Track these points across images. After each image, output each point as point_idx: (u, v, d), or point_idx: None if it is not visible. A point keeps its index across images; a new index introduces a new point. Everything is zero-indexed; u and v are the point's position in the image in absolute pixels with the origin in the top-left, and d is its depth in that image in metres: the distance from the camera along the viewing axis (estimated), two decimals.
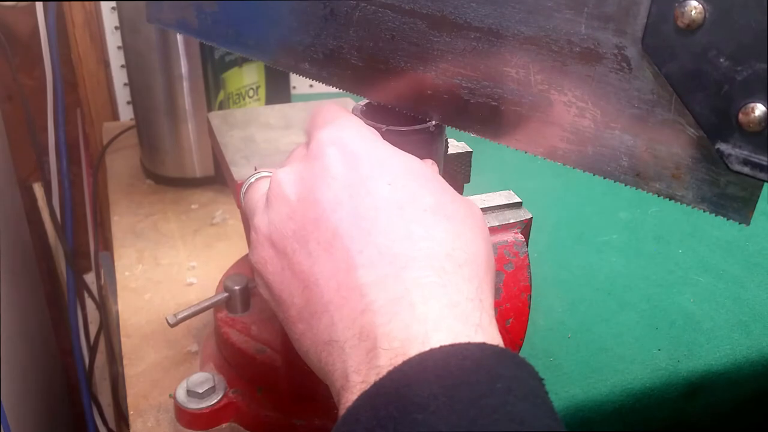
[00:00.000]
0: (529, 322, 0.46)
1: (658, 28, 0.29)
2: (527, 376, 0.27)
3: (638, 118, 0.31)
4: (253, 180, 0.39)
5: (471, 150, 0.48)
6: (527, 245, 0.46)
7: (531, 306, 0.46)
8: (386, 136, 0.37)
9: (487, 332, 0.29)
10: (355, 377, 0.28)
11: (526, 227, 0.46)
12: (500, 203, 0.47)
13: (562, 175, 0.89)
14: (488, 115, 0.35)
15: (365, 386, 0.27)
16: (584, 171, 0.34)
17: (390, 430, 0.25)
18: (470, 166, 0.47)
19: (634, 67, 0.30)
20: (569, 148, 0.33)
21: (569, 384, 0.57)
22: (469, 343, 0.27)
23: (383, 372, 0.27)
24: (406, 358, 0.27)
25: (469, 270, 0.30)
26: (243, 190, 0.39)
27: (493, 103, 0.35)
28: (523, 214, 0.46)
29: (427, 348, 0.27)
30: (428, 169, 0.34)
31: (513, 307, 0.45)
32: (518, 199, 0.47)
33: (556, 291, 0.69)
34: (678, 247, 0.76)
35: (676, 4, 0.28)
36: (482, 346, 0.27)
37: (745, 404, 0.63)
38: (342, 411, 0.28)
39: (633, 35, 0.29)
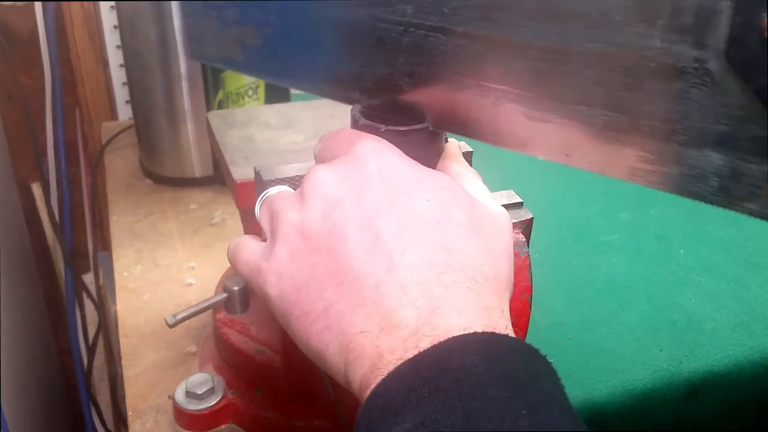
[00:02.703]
0: (529, 323, 0.46)
1: (744, 39, 0.27)
2: (555, 375, 0.30)
3: (726, 135, 0.29)
4: (272, 193, 0.40)
5: (472, 150, 0.48)
6: (528, 245, 0.46)
7: (532, 306, 0.46)
8: (385, 135, 0.37)
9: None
10: (389, 356, 0.30)
11: (527, 227, 0.46)
12: (501, 203, 0.46)
13: (563, 175, 0.89)
14: (557, 138, 0.34)
15: (401, 361, 0.29)
16: (670, 192, 0.32)
17: (432, 387, 0.27)
18: (471, 166, 0.47)
19: (718, 81, 0.28)
20: (651, 169, 0.32)
21: (570, 384, 0.56)
22: (507, 336, 0.30)
23: (424, 348, 0.29)
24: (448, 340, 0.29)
25: (494, 285, 0.33)
26: (259, 204, 0.40)
27: (561, 125, 0.33)
28: (524, 215, 0.46)
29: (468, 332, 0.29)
30: (459, 186, 0.36)
31: (513, 307, 0.44)
32: (519, 199, 0.47)
33: (556, 291, 0.68)
34: (679, 248, 0.76)
35: (764, 14, 0.26)
36: (518, 340, 0.30)
37: (746, 405, 0.63)
38: (373, 383, 0.29)
39: (715, 48, 0.27)
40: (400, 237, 0.32)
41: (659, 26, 0.28)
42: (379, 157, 0.35)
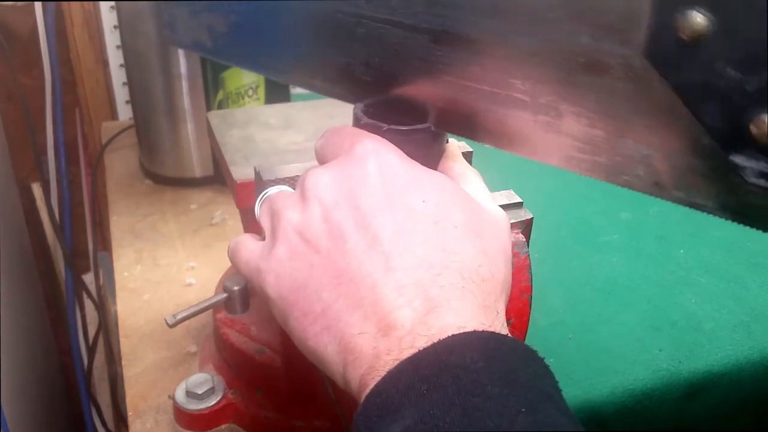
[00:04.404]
0: (529, 323, 0.46)
1: (661, 38, 0.28)
2: (553, 377, 0.30)
3: (651, 127, 0.30)
4: (271, 193, 0.40)
5: (472, 150, 0.48)
6: (528, 245, 0.46)
7: (532, 306, 0.46)
8: (387, 135, 0.37)
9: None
10: (386, 357, 0.30)
11: (527, 227, 0.46)
12: (501, 203, 0.46)
13: (563, 175, 0.89)
14: (498, 126, 0.35)
15: (398, 361, 0.29)
16: (602, 180, 0.33)
17: (431, 384, 0.27)
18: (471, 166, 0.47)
19: (643, 77, 0.29)
20: (584, 158, 0.33)
21: (570, 384, 0.57)
22: (506, 335, 0.30)
23: (422, 347, 0.29)
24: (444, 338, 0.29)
25: (490, 285, 0.33)
26: (258, 204, 0.41)
27: (502, 114, 0.35)
28: (524, 215, 0.46)
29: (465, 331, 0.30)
30: (458, 187, 0.36)
31: (513, 307, 0.45)
32: (519, 199, 0.47)
33: (556, 291, 0.68)
34: (679, 248, 0.76)
35: (678, 15, 0.27)
36: (517, 340, 0.30)
37: (746, 405, 0.63)
38: (371, 383, 0.29)
39: (638, 45, 0.29)
40: (398, 238, 0.33)
41: (587, 24, 0.30)
42: (379, 157, 0.35)
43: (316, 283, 0.33)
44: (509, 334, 0.31)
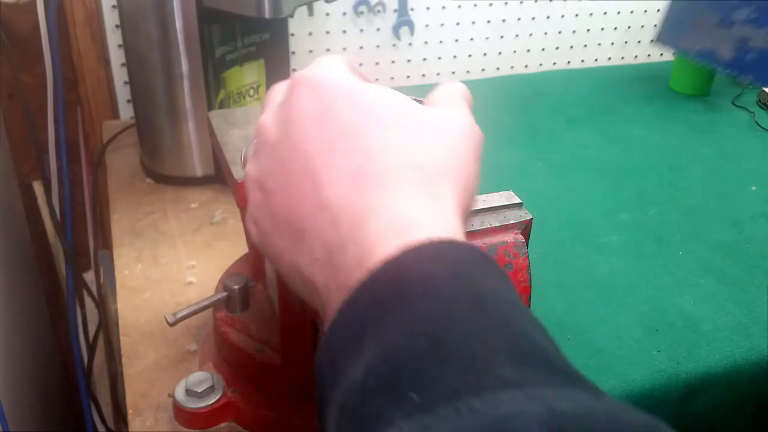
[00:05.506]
0: None
1: None
2: (509, 279, 0.30)
3: None
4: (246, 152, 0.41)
5: None
6: (527, 246, 0.46)
7: (531, 307, 0.46)
8: None
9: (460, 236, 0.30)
10: (340, 281, 0.29)
11: (526, 228, 0.46)
12: (500, 204, 0.47)
13: (562, 176, 0.89)
14: None
15: (354, 286, 0.28)
16: None
17: (388, 308, 0.26)
18: None
19: None
20: None
21: None
22: (458, 241, 0.29)
23: (375, 267, 0.28)
24: (398, 251, 0.28)
25: (423, 174, 0.31)
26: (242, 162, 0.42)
27: None
28: (524, 215, 0.46)
29: (412, 239, 0.28)
30: (390, 90, 0.35)
31: None
32: (518, 200, 0.47)
33: (555, 292, 0.68)
34: (678, 249, 0.76)
35: None
36: (469, 244, 0.29)
37: (744, 406, 0.63)
38: (332, 314, 0.29)
39: None
40: (325, 155, 0.32)
41: None
42: (305, 82, 0.35)
43: (276, 224, 0.34)
44: (456, 228, 0.30)
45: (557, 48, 1.28)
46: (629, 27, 1.29)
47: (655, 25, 1.24)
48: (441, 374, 0.24)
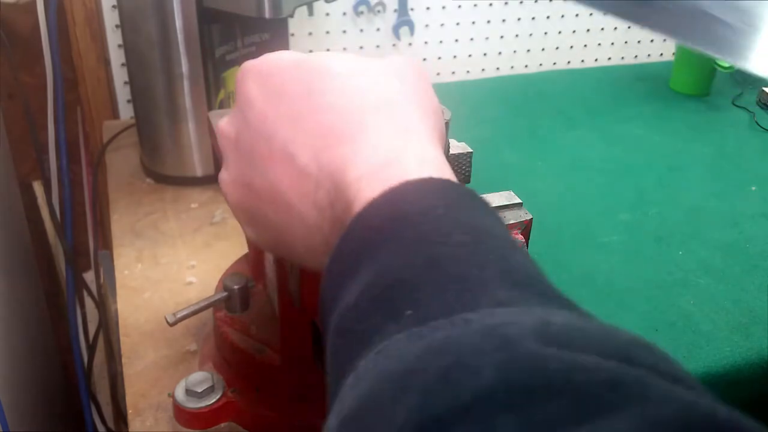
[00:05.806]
0: None
1: None
2: (506, 227, 0.30)
3: None
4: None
5: (471, 150, 0.48)
6: (527, 246, 0.46)
7: None
8: None
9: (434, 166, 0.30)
10: (336, 220, 0.30)
11: (526, 228, 0.46)
12: (500, 204, 0.47)
13: (562, 176, 0.89)
14: None
15: (344, 227, 0.29)
16: None
17: (385, 231, 0.26)
18: (471, 167, 0.47)
19: None
20: None
21: None
22: (450, 180, 0.29)
23: (365, 203, 0.28)
24: (383, 190, 0.28)
25: (391, 109, 0.32)
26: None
27: None
28: (524, 215, 0.46)
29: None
30: (338, 52, 0.36)
31: None
32: (518, 200, 0.47)
33: None
34: (678, 249, 0.76)
35: None
36: (464, 186, 0.30)
37: (744, 407, 0.62)
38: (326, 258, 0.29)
39: None
40: (286, 130, 0.33)
41: None
42: (251, 73, 0.36)
43: (260, 211, 0.36)
44: (437, 159, 0.30)
45: (557, 48, 1.28)
46: (629, 27, 1.29)
47: None
48: (436, 292, 0.24)
